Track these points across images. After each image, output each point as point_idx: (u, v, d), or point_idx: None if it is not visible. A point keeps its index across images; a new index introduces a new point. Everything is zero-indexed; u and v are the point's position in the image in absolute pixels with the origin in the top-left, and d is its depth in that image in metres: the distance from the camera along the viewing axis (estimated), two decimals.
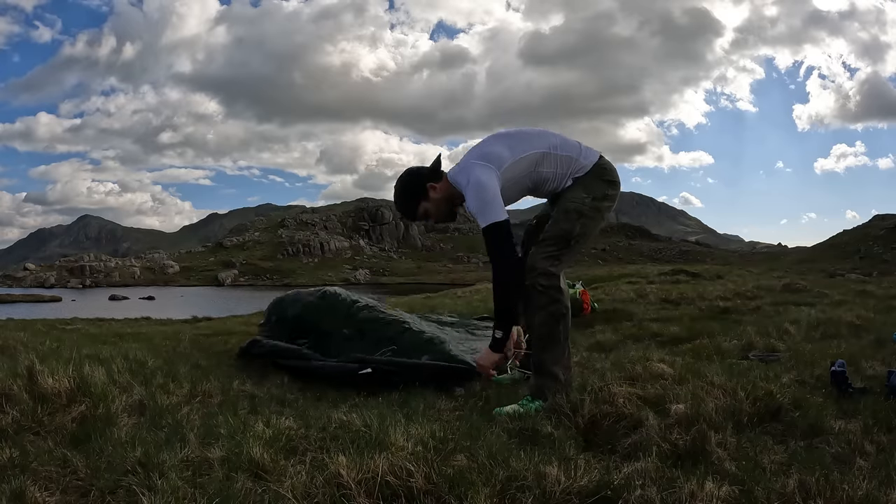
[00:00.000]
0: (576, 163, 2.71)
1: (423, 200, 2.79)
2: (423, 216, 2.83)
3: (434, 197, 2.78)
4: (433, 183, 2.77)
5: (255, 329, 6.78)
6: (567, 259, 2.67)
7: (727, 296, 7.58)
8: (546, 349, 2.58)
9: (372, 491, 1.58)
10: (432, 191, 2.77)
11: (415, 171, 2.87)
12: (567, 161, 2.71)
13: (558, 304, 2.57)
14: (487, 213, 2.57)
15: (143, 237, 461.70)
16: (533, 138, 2.74)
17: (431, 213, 2.82)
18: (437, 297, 12.72)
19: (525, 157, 2.67)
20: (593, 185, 2.70)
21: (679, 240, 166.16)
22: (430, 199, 2.78)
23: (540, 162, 2.69)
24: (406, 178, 2.86)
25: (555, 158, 2.70)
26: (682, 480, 1.63)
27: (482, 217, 2.58)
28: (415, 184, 2.81)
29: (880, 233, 79.08)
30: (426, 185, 2.77)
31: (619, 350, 4.19)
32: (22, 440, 1.99)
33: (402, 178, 2.87)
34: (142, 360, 3.22)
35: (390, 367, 3.15)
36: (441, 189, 2.77)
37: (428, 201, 2.79)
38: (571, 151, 2.73)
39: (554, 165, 2.70)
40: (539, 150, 2.69)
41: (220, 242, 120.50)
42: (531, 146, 2.70)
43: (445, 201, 2.80)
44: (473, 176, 2.61)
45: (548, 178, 2.72)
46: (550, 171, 2.71)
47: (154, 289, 72.48)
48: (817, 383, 2.80)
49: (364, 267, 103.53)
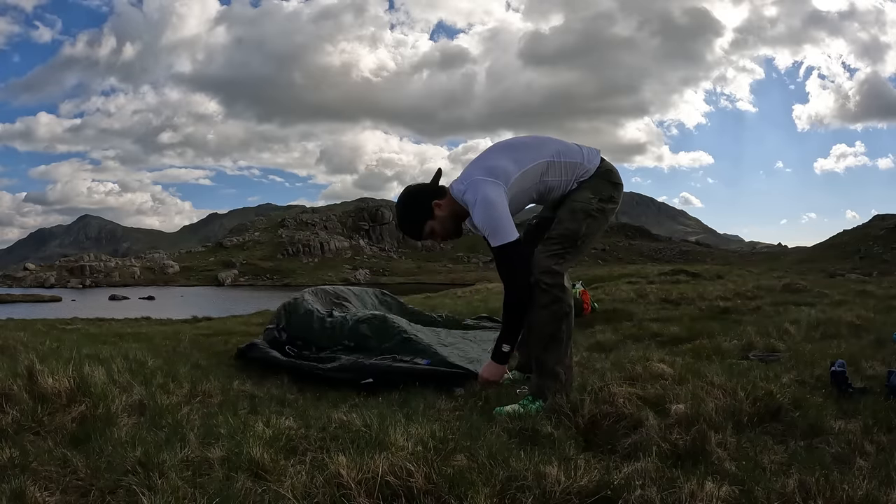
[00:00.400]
0: (580, 167, 2.68)
1: (429, 220, 2.70)
2: (429, 236, 2.74)
3: (440, 215, 2.69)
4: (437, 200, 2.68)
5: (255, 329, 6.78)
6: (571, 259, 2.64)
7: (727, 296, 7.58)
8: (548, 349, 2.56)
9: (372, 491, 1.58)
10: (437, 209, 2.68)
11: (416, 189, 2.76)
12: (572, 167, 2.67)
13: (561, 304, 2.55)
14: (499, 234, 2.52)
15: (143, 237, 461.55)
16: (536, 147, 2.69)
17: (438, 232, 2.73)
18: (437, 297, 12.72)
19: (530, 168, 2.62)
20: (600, 186, 2.68)
21: (679, 240, 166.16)
22: (436, 217, 2.69)
23: (545, 171, 2.65)
24: (408, 197, 2.75)
25: (560, 166, 2.66)
26: (682, 480, 1.63)
27: (493, 237, 2.53)
28: (418, 203, 2.71)
29: (880, 233, 79.10)
30: (431, 204, 2.68)
31: (619, 350, 4.19)
32: (22, 440, 1.99)
33: (403, 199, 2.75)
34: (142, 360, 3.22)
35: (389, 373, 3.13)
36: (446, 206, 2.68)
37: (434, 220, 2.70)
38: (575, 157, 2.69)
39: (560, 173, 2.66)
40: (544, 160, 2.64)
41: (220, 242, 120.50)
42: (535, 156, 2.64)
43: (451, 218, 2.71)
44: (481, 194, 2.53)
45: (553, 188, 2.68)
46: (556, 180, 2.67)
47: (154, 289, 72.48)
48: (817, 383, 2.79)
49: (364, 267, 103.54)
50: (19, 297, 51.70)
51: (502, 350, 2.62)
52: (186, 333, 6.31)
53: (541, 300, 2.54)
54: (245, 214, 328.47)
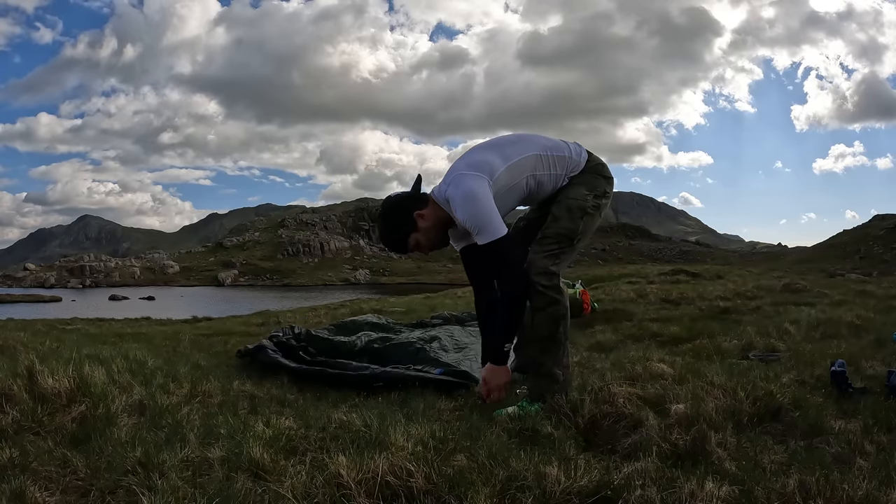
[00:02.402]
0: (571, 161, 2.60)
1: (413, 232, 2.54)
2: (415, 248, 2.58)
3: (424, 226, 2.54)
4: (420, 210, 2.53)
5: (255, 329, 6.78)
6: (567, 258, 2.56)
7: (727, 296, 7.58)
8: (546, 351, 2.52)
9: (372, 491, 1.58)
10: (420, 219, 2.53)
11: (397, 200, 2.60)
12: (562, 161, 2.58)
13: (558, 305, 2.48)
14: (486, 229, 2.39)
15: (143, 237, 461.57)
16: (522, 142, 2.59)
17: (423, 244, 2.58)
18: (437, 296, 12.72)
19: (518, 161, 2.52)
20: (593, 182, 2.61)
21: (679, 240, 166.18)
22: (420, 229, 2.54)
23: (535, 165, 2.54)
24: (389, 210, 2.59)
25: (549, 160, 2.57)
26: (682, 480, 1.63)
27: (481, 234, 2.41)
28: (400, 216, 2.55)
29: (880, 233, 79.12)
30: (413, 215, 2.53)
31: (619, 350, 4.19)
32: (22, 440, 1.99)
33: (384, 213, 2.60)
34: (142, 360, 3.22)
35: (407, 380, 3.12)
36: (429, 215, 2.54)
37: (418, 232, 2.55)
38: (563, 151, 2.60)
39: (549, 167, 2.57)
40: (533, 153, 2.55)
41: (220, 242, 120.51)
42: (523, 150, 2.55)
43: (436, 228, 2.57)
44: (463, 187, 2.41)
45: (543, 183, 2.58)
46: (546, 174, 2.57)
47: (154, 289, 72.48)
48: (817, 383, 2.79)
49: (364, 267, 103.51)
50: (19, 297, 51.70)
51: (503, 350, 2.49)
52: (186, 333, 6.31)
53: (537, 303, 2.48)
54: (245, 214, 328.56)
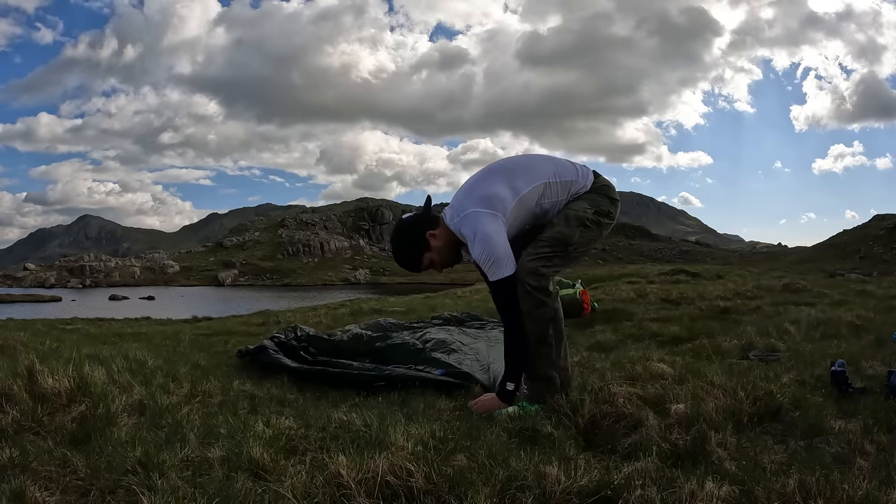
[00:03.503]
0: (575, 184, 2.62)
1: (426, 252, 2.64)
2: (429, 266, 2.68)
3: (436, 245, 2.63)
4: (431, 231, 2.62)
5: (255, 329, 6.78)
6: (560, 264, 2.58)
7: (727, 296, 7.58)
8: (539, 354, 2.52)
9: (372, 491, 1.58)
10: (433, 239, 2.62)
11: (409, 222, 2.70)
12: (566, 186, 2.61)
13: (545, 308, 2.49)
14: (498, 268, 2.47)
15: (143, 237, 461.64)
16: (531, 169, 2.61)
17: (437, 262, 2.66)
18: (437, 296, 12.72)
19: (527, 193, 2.55)
20: (596, 199, 2.62)
21: (679, 240, 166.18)
22: (433, 248, 2.63)
23: (542, 194, 2.58)
24: (402, 231, 2.69)
25: (556, 186, 2.59)
26: (682, 480, 1.63)
27: (492, 272, 2.49)
28: (414, 237, 2.64)
29: (880, 233, 79.11)
30: (426, 236, 2.62)
31: (619, 350, 4.18)
32: (22, 440, 1.99)
33: (397, 233, 2.70)
34: (142, 359, 3.22)
35: (408, 379, 3.12)
36: (441, 235, 2.63)
37: (431, 251, 2.64)
38: (570, 175, 2.63)
39: (555, 194, 2.60)
40: (541, 182, 2.58)
41: (220, 242, 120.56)
42: (532, 179, 2.57)
43: (448, 247, 2.65)
44: (481, 229, 2.47)
45: (548, 209, 2.62)
46: (551, 202, 2.60)
47: (154, 289, 72.51)
48: (817, 383, 2.79)
49: (364, 267, 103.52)
50: (19, 297, 51.73)
51: (507, 389, 2.53)
52: (186, 333, 6.32)
53: (526, 305, 2.48)
54: (245, 214, 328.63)
